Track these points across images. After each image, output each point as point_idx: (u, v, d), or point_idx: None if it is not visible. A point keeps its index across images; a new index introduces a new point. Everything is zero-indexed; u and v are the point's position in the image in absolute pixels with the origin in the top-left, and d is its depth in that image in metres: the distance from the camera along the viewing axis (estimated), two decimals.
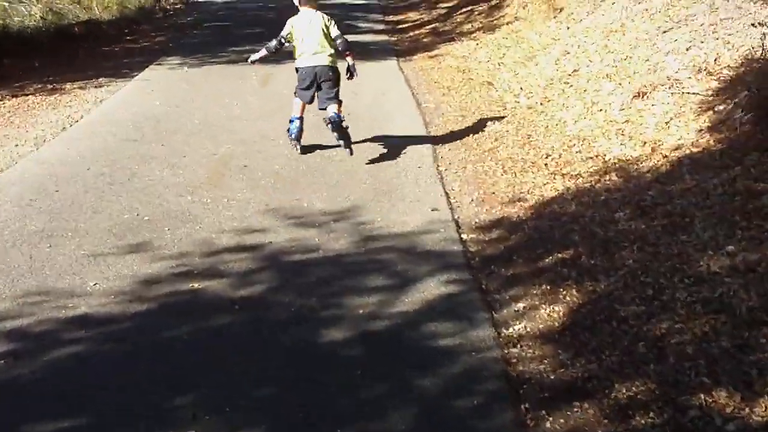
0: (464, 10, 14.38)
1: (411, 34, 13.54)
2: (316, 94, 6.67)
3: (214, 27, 14.88)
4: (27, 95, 9.34)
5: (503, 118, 7.75)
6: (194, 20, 15.94)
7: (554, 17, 10.94)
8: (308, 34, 6.56)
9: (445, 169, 6.34)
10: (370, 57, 10.95)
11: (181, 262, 4.54)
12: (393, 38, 13.20)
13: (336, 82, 6.66)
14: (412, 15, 15.80)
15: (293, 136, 6.82)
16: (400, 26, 14.59)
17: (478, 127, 7.52)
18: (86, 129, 7.66)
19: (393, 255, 4.66)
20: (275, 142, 7.07)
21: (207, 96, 8.98)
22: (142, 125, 7.67)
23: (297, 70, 6.75)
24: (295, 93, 6.84)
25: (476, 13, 13.69)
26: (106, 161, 6.50)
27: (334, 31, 6.61)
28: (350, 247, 4.80)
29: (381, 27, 14.29)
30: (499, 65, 10.00)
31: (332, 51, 6.62)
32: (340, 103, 6.65)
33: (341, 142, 6.68)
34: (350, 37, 7.29)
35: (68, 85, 9.78)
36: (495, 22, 12.54)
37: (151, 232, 5.00)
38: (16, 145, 7.05)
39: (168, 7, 18.46)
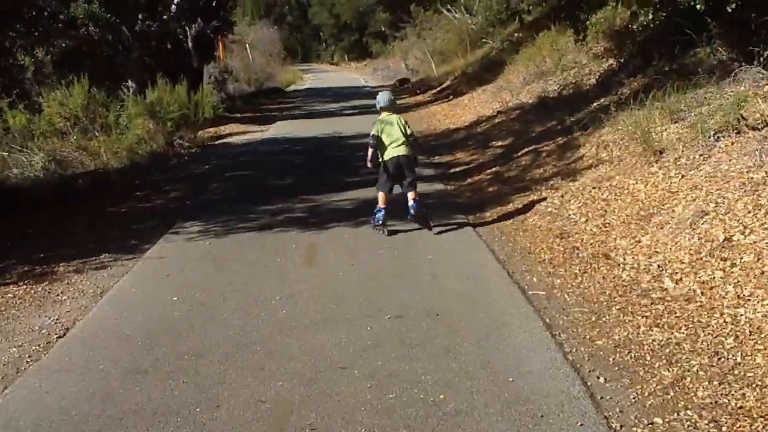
0: (526, 149, 12.40)
1: (469, 180, 11.50)
2: (394, 185, 8.50)
3: (236, 177, 12.94)
4: (8, 284, 7.26)
5: (659, 318, 5.53)
6: (212, 168, 14.05)
7: (656, 161, 8.89)
8: (391, 131, 8.33)
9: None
10: (432, 215, 8.90)
11: None
12: (450, 187, 11.17)
13: (414, 167, 8.59)
14: (462, 155, 13.85)
15: (380, 222, 8.49)
16: (453, 170, 12.60)
17: (630, 336, 5.29)
18: (77, 350, 5.48)
19: None
20: (349, 372, 4.84)
21: (239, 286, 6.82)
22: (154, 342, 5.50)
23: (381, 163, 8.47)
24: (377, 188, 8.63)
25: (544, 154, 11.70)
26: (102, 418, 4.27)
27: (408, 130, 8.42)
28: None
29: (431, 171, 12.30)
30: (606, 227, 7.87)
31: (408, 144, 8.36)
32: (416, 188, 8.48)
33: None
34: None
35: (62, 267, 7.76)
36: (573, 165, 10.52)
37: None
38: None
39: (182, 151, 16.70)
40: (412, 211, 8.35)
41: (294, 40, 78.73)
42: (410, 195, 8.34)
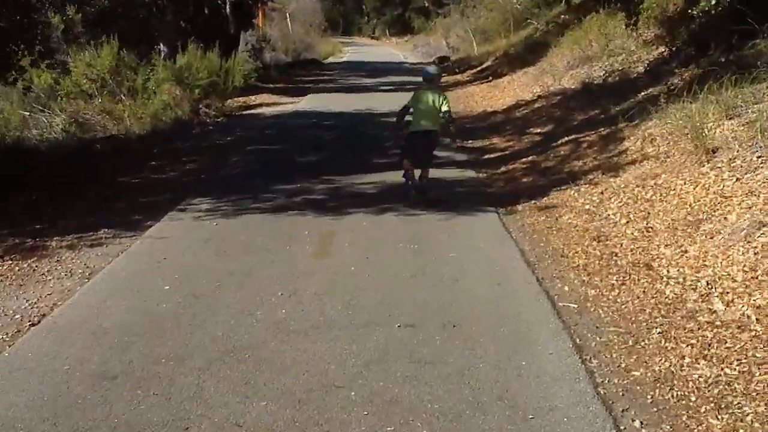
0: (566, 139, 11.62)
1: (503, 169, 10.76)
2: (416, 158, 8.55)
3: (258, 152, 12.31)
4: None
5: (707, 347, 4.81)
6: (236, 140, 13.44)
7: (707, 161, 8.11)
8: (425, 105, 8.37)
9: None
10: (460, 206, 8.26)
11: None
12: (481, 175, 10.44)
13: (434, 146, 8.78)
14: (498, 141, 13.10)
15: (410, 183, 8.75)
16: (487, 156, 11.86)
17: (673, 369, 4.57)
18: (45, 344, 4.89)
19: None
20: (345, 394, 4.20)
21: (240, 277, 6.18)
22: (132, 341, 4.89)
23: (408, 134, 8.58)
24: (401, 158, 8.80)
25: (585, 144, 10.91)
26: None
27: (444, 107, 8.34)
28: None
29: (463, 156, 11.58)
30: (649, 232, 7.14)
31: (436, 121, 8.41)
32: (431, 166, 8.73)
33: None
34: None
35: (55, 241, 7.20)
36: (616, 159, 9.74)
37: None
38: None
39: (208, 120, 16.12)
40: (420, 187, 8.66)
41: (336, 11, 77.79)
42: (421, 172, 8.67)
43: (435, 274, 6.27)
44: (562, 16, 24.23)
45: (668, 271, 6.15)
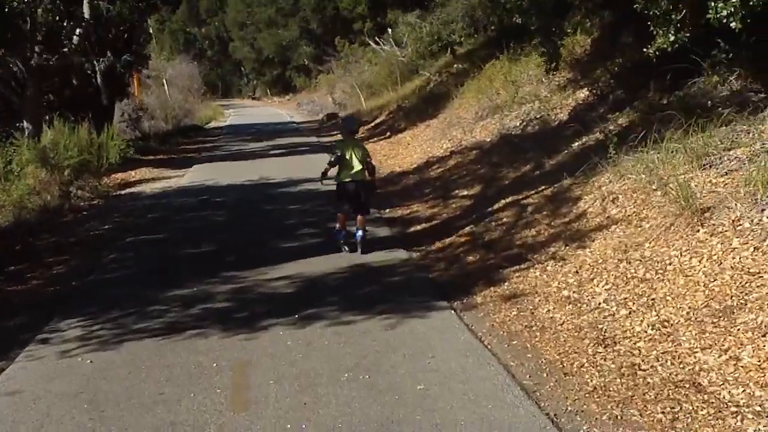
0: (504, 202, 10.00)
1: (438, 245, 9.01)
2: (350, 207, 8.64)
3: (141, 244, 10.16)
4: None
5: None
6: (113, 230, 11.25)
7: (700, 224, 6.63)
8: (352, 155, 8.49)
9: None
10: (404, 302, 6.57)
11: None
12: (414, 254, 8.69)
13: (370, 194, 8.87)
14: (419, 208, 11.36)
15: (342, 240, 8.76)
16: (413, 228, 10.11)
17: None
18: None
19: None
20: None
21: None
22: None
23: (338, 185, 8.63)
24: (335, 208, 8.94)
25: (530, 208, 9.32)
26: None
27: (367, 158, 8.66)
28: None
29: (385, 231, 9.82)
30: (665, 326, 5.50)
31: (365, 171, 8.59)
32: (368, 212, 8.87)
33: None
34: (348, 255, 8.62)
35: None
36: (576, 226, 8.19)
37: None
38: None
39: (82, 204, 13.85)
40: (358, 238, 8.61)
41: (214, 74, 75.69)
42: (359, 219, 8.64)
43: (407, 426, 4.39)
44: (456, 65, 23.14)
45: (730, 394, 4.46)
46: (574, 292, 6.57)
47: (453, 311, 6.54)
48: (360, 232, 8.61)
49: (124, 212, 12.79)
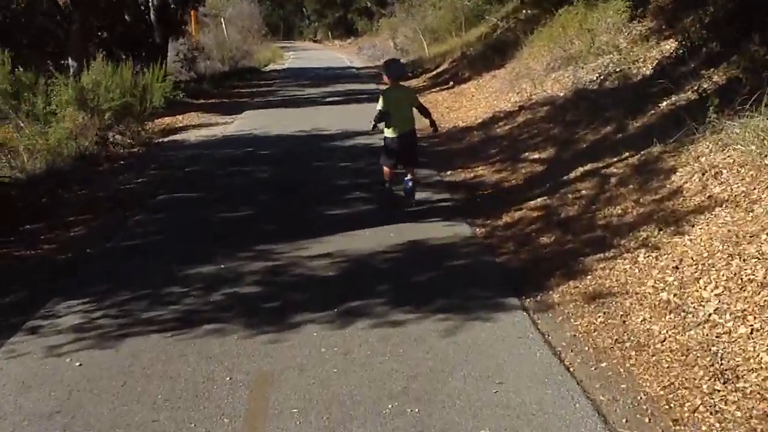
0: (582, 170, 8.68)
1: (506, 219, 7.80)
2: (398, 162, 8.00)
3: (172, 203, 9.14)
4: None
5: None
6: (145, 185, 10.26)
7: None
8: (399, 106, 7.80)
9: None
10: (466, 295, 5.36)
11: None
12: (479, 230, 7.50)
13: (416, 143, 8.15)
14: (485, 171, 10.12)
15: (390, 199, 8.18)
16: (477, 196, 8.86)
17: None
18: None
19: None
20: None
21: None
22: None
23: (385, 139, 7.98)
24: (381, 162, 8.19)
25: (613, 180, 8.00)
26: None
27: (417, 102, 8.05)
28: None
29: (446, 196, 8.61)
30: None
31: (413, 120, 7.92)
32: (416, 165, 8.20)
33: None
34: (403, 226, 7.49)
35: None
36: (671, 205, 6.86)
37: None
38: None
39: (121, 152, 12.91)
40: (408, 185, 8.15)
41: (276, 15, 74.33)
42: (411, 174, 8.15)
43: None
44: (525, 11, 21.55)
45: None
46: (675, 295, 5.31)
47: (525, 313, 5.37)
48: (411, 183, 8.12)
49: (162, 163, 11.80)
